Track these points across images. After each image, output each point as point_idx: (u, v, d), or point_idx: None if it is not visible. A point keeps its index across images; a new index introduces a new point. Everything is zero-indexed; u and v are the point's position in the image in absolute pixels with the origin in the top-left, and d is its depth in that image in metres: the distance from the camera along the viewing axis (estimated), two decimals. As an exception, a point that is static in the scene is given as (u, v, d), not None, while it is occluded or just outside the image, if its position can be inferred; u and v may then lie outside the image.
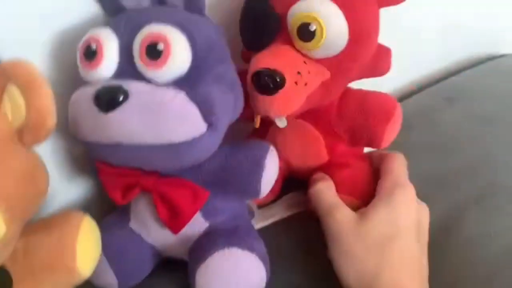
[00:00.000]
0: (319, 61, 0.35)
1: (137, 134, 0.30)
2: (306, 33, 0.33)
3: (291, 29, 0.34)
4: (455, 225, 0.42)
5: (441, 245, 0.40)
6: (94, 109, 0.30)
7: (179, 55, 0.30)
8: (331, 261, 0.36)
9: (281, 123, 0.37)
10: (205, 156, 0.33)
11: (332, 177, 0.41)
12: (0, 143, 0.28)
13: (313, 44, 0.34)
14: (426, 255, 0.36)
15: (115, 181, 0.35)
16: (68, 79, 0.36)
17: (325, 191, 0.39)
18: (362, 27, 0.34)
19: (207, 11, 0.36)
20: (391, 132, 0.39)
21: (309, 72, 0.34)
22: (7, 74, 0.28)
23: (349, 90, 0.40)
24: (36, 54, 0.36)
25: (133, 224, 0.38)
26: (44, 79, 0.28)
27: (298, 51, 0.35)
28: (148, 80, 0.31)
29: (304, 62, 0.34)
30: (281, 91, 0.33)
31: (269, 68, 0.33)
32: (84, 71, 0.32)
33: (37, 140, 0.29)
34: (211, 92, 0.32)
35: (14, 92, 0.28)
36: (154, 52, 0.30)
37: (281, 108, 0.34)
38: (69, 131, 0.33)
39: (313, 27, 0.33)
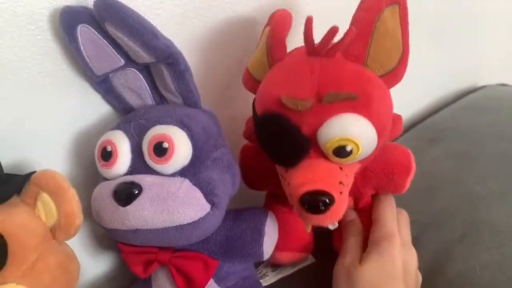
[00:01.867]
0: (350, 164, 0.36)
1: (151, 221, 0.35)
2: (342, 153, 0.34)
3: (325, 150, 0.34)
4: (443, 264, 0.46)
5: (431, 285, 0.44)
6: (114, 203, 0.35)
7: (182, 150, 0.36)
8: None
9: (333, 226, 0.40)
10: (211, 231, 0.38)
11: None
12: (37, 242, 0.33)
13: (349, 159, 0.34)
14: None
15: (136, 258, 0.40)
16: (89, 172, 0.42)
17: (353, 237, 0.43)
18: (385, 122, 0.35)
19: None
20: (411, 179, 0.42)
21: (346, 176, 0.36)
22: (39, 183, 0.34)
23: None
24: (58, 153, 0.42)
25: (155, 293, 0.43)
26: (69, 185, 0.34)
27: (331, 162, 0.35)
28: (157, 173, 0.36)
29: (340, 168, 0.35)
30: (331, 208, 0.34)
31: (316, 190, 0.33)
32: (102, 169, 0.37)
33: (68, 237, 0.34)
34: (211, 175, 0.37)
35: (46, 198, 0.34)
36: (160, 150, 0.35)
37: (334, 220, 0.35)
38: (94, 219, 0.38)
39: (349, 148, 0.33)
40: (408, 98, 0.72)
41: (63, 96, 0.40)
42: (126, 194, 0.35)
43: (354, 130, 0.33)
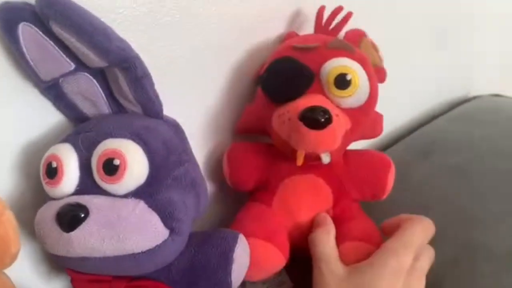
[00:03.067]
0: (344, 110, 0.39)
1: (99, 249, 0.31)
2: (343, 81, 0.39)
3: (326, 80, 0.39)
4: (434, 290, 0.42)
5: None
6: (57, 228, 0.31)
7: (136, 168, 0.31)
8: None
9: (327, 158, 0.39)
10: (169, 260, 0.34)
11: (338, 228, 0.41)
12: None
13: (348, 92, 0.39)
14: None
15: (87, 287, 0.36)
16: (40, 187, 0.37)
17: (323, 240, 0.39)
18: (374, 85, 0.41)
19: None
20: (391, 181, 0.44)
21: (341, 119, 0.39)
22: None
23: (349, 151, 0.44)
24: (2, 167, 0.37)
25: (111, 323, 0.38)
26: (4, 207, 0.29)
27: (329, 100, 0.39)
28: (108, 193, 0.32)
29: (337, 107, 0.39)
30: (329, 126, 0.37)
31: (315, 106, 0.37)
32: (47, 187, 0.33)
33: (3, 266, 0.30)
34: (171, 197, 0.33)
35: (-24, 222, 0.29)
36: (111, 167, 0.31)
37: (329, 142, 0.38)
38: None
39: (349, 77, 0.38)
40: (398, 107, 0.68)
41: (8, 102, 0.35)
42: (70, 217, 0.30)
43: (353, 65, 0.39)
